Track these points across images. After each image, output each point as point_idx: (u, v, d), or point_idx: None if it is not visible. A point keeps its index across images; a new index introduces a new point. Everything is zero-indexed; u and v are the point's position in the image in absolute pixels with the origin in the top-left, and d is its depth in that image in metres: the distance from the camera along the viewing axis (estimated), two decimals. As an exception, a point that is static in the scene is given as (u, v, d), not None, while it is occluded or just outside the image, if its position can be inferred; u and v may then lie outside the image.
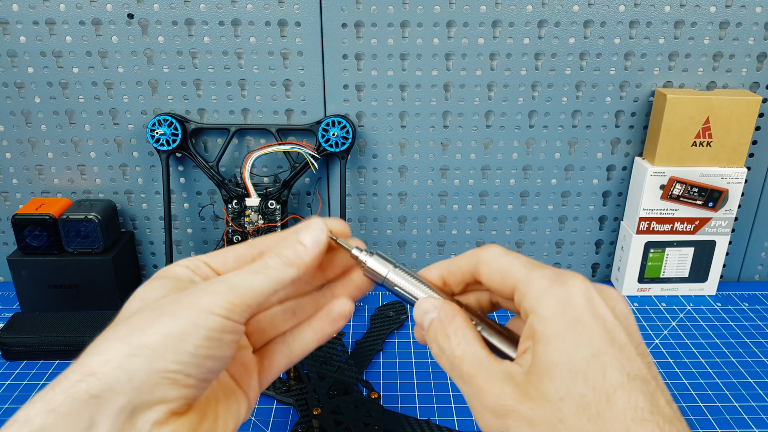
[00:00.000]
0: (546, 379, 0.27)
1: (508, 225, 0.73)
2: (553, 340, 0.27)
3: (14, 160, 0.69)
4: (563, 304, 0.28)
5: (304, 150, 0.65)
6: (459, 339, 0.30)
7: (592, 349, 0.27)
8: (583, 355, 0.26)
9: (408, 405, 0.54)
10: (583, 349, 0.27)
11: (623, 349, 0.27)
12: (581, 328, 0.27)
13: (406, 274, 0.34)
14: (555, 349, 0.27)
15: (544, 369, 0.27)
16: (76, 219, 0.64)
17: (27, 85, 0.66)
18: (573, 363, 0.26)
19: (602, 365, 0.26)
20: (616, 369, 0.26)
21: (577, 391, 0.26)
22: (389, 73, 0.66)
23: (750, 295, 0.72)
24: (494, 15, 0.63)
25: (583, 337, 0.27)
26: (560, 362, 0.27)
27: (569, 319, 0.27)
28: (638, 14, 0.63)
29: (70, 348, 0.59)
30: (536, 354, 0.27)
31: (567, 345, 0.27)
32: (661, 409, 0.26)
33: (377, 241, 0.73)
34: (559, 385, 0.26)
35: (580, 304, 0.28)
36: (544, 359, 0.27)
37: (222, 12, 0.63)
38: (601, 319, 0.28)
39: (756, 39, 0.64)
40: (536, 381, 0.27)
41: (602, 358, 0.26)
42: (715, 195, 0.66)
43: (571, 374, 0.26)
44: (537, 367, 0.27)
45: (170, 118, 0.65)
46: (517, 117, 0.68)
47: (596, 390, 0.26)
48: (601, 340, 0.27)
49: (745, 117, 0.63)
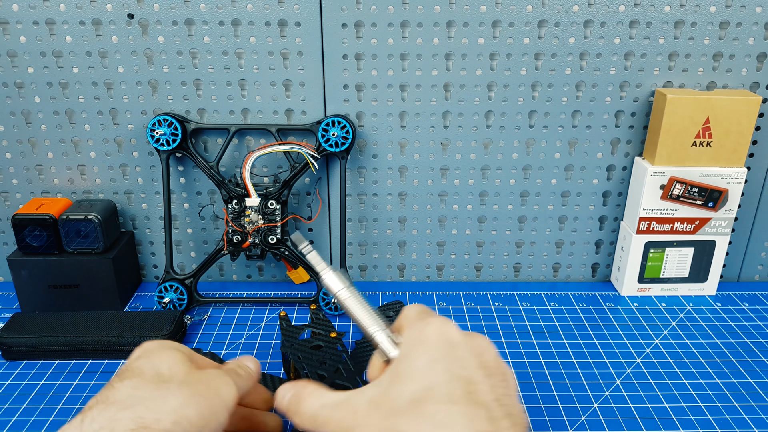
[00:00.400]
0: (392, 383, 0.34)
1: (508, 225, 0.73)
2: (406, 356, 0.35)
3: (14, 160, 0.69)
4: (418, 331, 0.36)
5: (304, 150, 0.65)
6: (310, 403, 0.38)
7: (431, 357, 0.34)
8: (422, 362, 0.34)
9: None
10: (423, 357, 0.34)
11: (456, 361, 0.34)
12: (427, 346, 0.35)
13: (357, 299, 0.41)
14: (405, 360, 0.35)
15: (393, 377, 0.35)
16: (76, 219, 0.64)
17: (27, 85, 0.66)
18: (414, 367, 0.34)
19: (434, 369, 0.34)
20: (443, 371, 0.33)
21: (412, 387, 0.33)
22: (389, 73, 0.66)
23: (750, 295, 0.72)
24: (494, 15, 0.63)
25: (425, 350, 0.35)
26: (405, 369, 0.34)
27: (420, 340, 0.35)
28: (638, 14, 0.63)
29: (70, 348, 0.59)
30: (391, 369, 0.36)
31: (413, 357, 0.35)
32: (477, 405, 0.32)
33: (377, 241, 0.73)
34: (400, 385, 0.34)
35: (431, 331, 0.36)
36: (396, 370, 0.35)
37: (222, 12, 0.63)
38: (445, 341, 0.35)
39: (756, 39, 0.64)
40: (387, 389, 0.34)
41: (436, 364, 0.34)
42: (715, 195, 0.66)
43: (410, 375, 0.34)
44: (389, 378, 0.35)
45: (170, 118, 0.65)
46: (517, 117, 0.68)
47: (426, 386, 0.33)
48: (438, 353, 0.34)
49: (745, 117, 0.63)
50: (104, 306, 0.67)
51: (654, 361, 0.60)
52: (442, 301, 0.71)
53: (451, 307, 0.69)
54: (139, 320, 0.61)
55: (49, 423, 0.52)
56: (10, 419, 0.52)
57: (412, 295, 0.72)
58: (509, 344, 0.62)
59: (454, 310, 0.69)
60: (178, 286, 0.67)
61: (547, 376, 0.57)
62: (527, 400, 0.54)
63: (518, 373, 0.58)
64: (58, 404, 0.54)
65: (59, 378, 0.57)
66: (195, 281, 0.69)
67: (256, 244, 0.67)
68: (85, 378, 0.57)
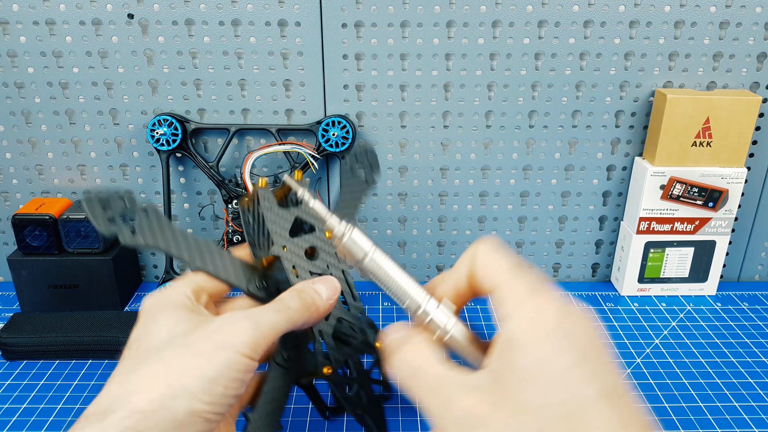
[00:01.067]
0: (522, 386, 0.26)
1: (508, 225, 0.73)
2: (529, 347, 0.26)
3: (14, 160, 0.69)
4: (539, 313, 0.27)
5: (304, 150, 0.65)
6: (415, 351, 0.30)
7: (568, 360, 0.26)
8: (560, 365, 0.26)
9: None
10: (559, 358, 0.26)
11: (596, 363, 0.26)
12: (556, 339, 0.26)
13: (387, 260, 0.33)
14: (531, 356, 0.26)
15: (519, 377, 0.26)
16: (76, 219, 0.64)
17: (27, 85, 0.66)
18: (551, 371, 0.26)
19: (578, 377, 0.26)
20: (590, 382, 0.26)
21: (557, 399, 0.25)
22: (389, 73, 0.66)
23: (750, 295, 0.72)
24: (494, 15, 0.63)
25: (558, 347, 0.26)
26: (537, 370, 0.26)
27: (545, 329, 0.27)
28: (638, 14, 0.63)
29: (70, 348, 0.59)
30: (509, 360, 0.27)
31: (543, 353, 0.26)
32: (634, 423, 0.25)
33: (377, 241, 0.73)
34: (538, 393, 0.25)
35: (556, 316, 0.27)
36: (519, 366, 0.26)
37: (222, 12, 0.63)
38: (576, 333, 0.27)
39: (756, 39, 0.64)
40: (510, 389, 0.26)
41: (578, 370, 0.26)
42: (715, 195, 0.66)
43: (549, 382, 0.25)
44: (511, 374, 0.26)
45: (170, 118, 0.65)
46: (517, 117, 0.68)
47: (574, 400, 0.25)
48: (574, 352, 0.26)
49: (745, 117, 0.63)
50: (104, 306, 0.67)
51: (654, 361, 0.60)
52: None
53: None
54: (139, 320, 0.61)
55: (49, 423, 0.52)
56: (10, 419, 0.52)
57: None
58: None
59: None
60: (178, 286, 0.67)
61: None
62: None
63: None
64: (58, 404, 0.54)
65: (59, 378, 0.57)
66: (195, 281, 0.68)
67: (256, 244, 0.66)
68: (85, 378, 0.57)
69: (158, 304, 0.35)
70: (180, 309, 0.35)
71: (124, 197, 0.37)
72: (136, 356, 0.33)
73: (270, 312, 0.34)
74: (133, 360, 0.33)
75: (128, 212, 0.37)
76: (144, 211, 0.37)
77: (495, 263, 0.30)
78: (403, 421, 0.52)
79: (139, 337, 0.34)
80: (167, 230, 0.38)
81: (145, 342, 0.33)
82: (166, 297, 0.36)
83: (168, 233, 0.37)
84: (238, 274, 0.39)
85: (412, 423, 0.52)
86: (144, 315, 0.35)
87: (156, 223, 0.37)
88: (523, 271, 0.29)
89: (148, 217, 0.37)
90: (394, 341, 0.31)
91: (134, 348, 0.34)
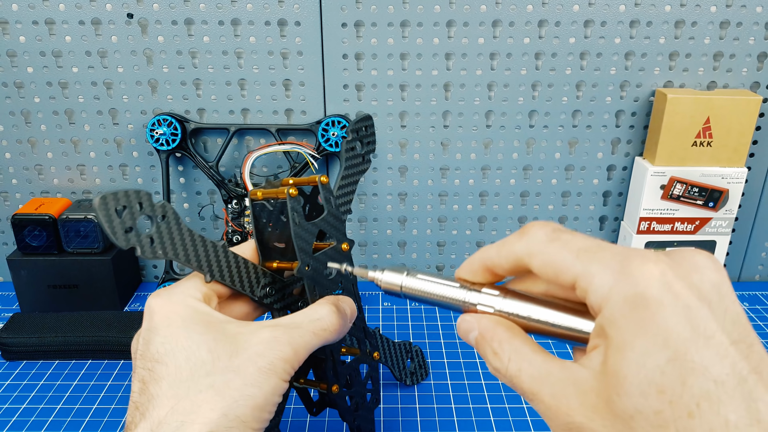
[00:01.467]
0: (614, 393, 0.23)
1: (509, 225, 0.73)
2: (622, 348, 0.23)
3: (14, 160, 0.69)
4: (632, 303, 0.23)
5: (304, 150, 0.65)
6: (508, 354, 0.27)
7: (668, 352, 0.22)
8: (657, 363, 0.22)
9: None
10: (656, 354, 0.22)
11: (710, 344, 0.22)
12: (655, 327, 0.23)
13: (424, 276, 0.33)
14: (624, 358, 0.23)
15: (613, 381, 0.23)
16: (76, 219, 0.64)
17: (26, 84, 0.66)
18: (644, 374, 0.22)
19: (681, 372, 0.22)
20: (700, 374, 0.22)
21: (651, 407, 0.22)
22: (389, 73, 0.65)
23: (750, 295, 0.72)
24: (494, 14, 0.63)
25: (657, 339, 0.22)
26: (629, 374, 0.23)
27: (640, 318, 0.23)
28: (639, 14, 0.63)
29: (70, 348, 0.59)
30: (607, 360, 0.24)
31: (637, 352, 0.23)
32: (762, 417, 0.21)
33: (377, 241, 0.73)
34: (628, 401, 0.23)
35: (653, 297, 0.23)
36: (613, 369, 0.23)
37: (221, 11, 0.63)
38: (682, 309, 0.23)
39: (756, 39, 0.64)
40: (605, 394, 0.23)
41: (681, 362, 0.22)
42: (716, 195, 0.66)
43: (641, 387, 0.22)
44: (607, 377, 0.24)
45: (170, 118, 0.65)
46: (517, 117, 0.68)
47: (674, 404, 0.22)
48: (680, 337, 0.22)
49: (745, 117, 0.63)
50: (104, 306, 0.67)
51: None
52: (442, 301, 0.71)
53: (451, 307, 0.69)
54: (138, 320, 0.60)
55: (49, 423, 0.52)
56: (10, 419, 0.52)
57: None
58: (509, 344, 0.62)
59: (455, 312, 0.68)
60: (177, 286, 0.67)
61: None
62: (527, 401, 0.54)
63: (518, 373, 0.58)
64: (57, 404, 0.54)
65: (59, 378, 0.57)
66: (195, 281, 0.68)
67: (256, 244, 0.66)
68: (84, 378, 0.57)
69: (178, 313, 0.34)
70: (206, 321, 0.34)
71: (141, 200, 0.32)
72: (176, 377, 0.31)
73: (308, 335, 0.35)
74: (175, 381, 0.31)
75: (145, 217, 0.32)
76: (162, 216, 0.33)
77: (557, 258, 0.26)
78: (404, 422, 0.52)
79: (170, 351, 0.32)
80: (186, 237, 0.35)
81: (184, 360, 0.32)
82: (185, 304, 0.34)
83: (187, 239, 0.35)
84: (251, 281, 0.38)
85: (412, 424, 0.52)
86: (162, 324, 0.33)
87: (175, 229, 0.34)
88: (593, 252, 0.25)
89: (166, 223, 0.33)
90: (476, 337, 0.29)
91: (171, 365, 0.32)
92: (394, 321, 0.67)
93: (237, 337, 0.33)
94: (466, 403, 0.54)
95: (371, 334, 0.46)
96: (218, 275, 0.36)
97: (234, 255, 0.37)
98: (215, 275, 0.36)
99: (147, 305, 0.35)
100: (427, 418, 0.52)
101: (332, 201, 0.41)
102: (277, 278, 0.40)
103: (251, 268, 0.38)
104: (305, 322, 0.35)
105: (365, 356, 0.45)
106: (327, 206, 0.41)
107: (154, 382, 0.31)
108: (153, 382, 0.31)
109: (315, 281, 0.39)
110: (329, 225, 0.41)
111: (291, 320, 0.35)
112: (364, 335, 0.45)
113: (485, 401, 0.54)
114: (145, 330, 0.34)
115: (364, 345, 0.45)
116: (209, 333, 0.33)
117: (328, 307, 0.37)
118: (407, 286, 0.33)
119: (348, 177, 0.44)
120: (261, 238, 0.40)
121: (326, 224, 0.41)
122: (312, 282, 0.39)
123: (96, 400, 0.54)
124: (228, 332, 0.33)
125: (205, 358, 0.32)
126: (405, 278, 0.33)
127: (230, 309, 0.38)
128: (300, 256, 0.38)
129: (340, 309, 0.37)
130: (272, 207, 0.40)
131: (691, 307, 0.23)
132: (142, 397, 0.31)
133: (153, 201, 0.32)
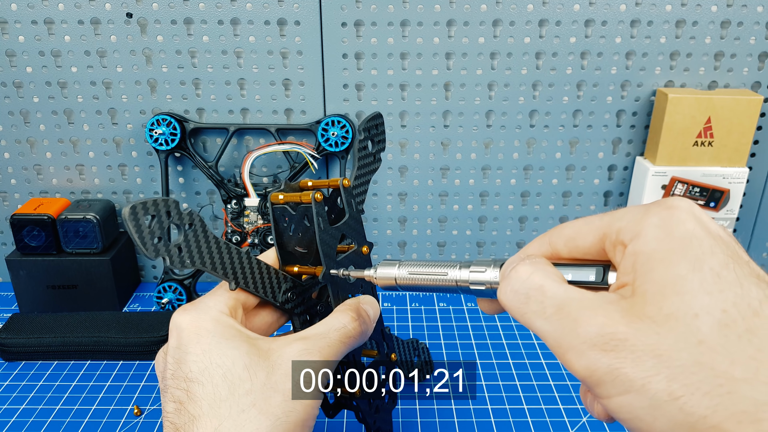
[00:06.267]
0: (669, 296, 0.22)
1: (509, 225, 0.73)
2: (669, 257, 0.23)
3: (12, 159, 0.69)
4: (669, 223, 0.24)
5: (304, 150, 0.65)
6: (537, 269, 0.27)
7: (719, 260, 0.23)
8: (711, 266, 0.22)
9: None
10: (709, 259, 0.22)
11: (750, 263, 0.23)
12: (697, 241, 0.23)
13: (415, 263, 0.34)
14: (673, 263, 0.23)
15: (661, 287, 0.22)
16: (75, 219, 0.64)
17: (25, 84, 0.65)
18: (702, 275, 0.22)
19: (737, 276, 0.22)
20: (753, 282, 0.22)
21: (716, 305, 0.22)
22: (389, 73, 0.65)
23: (751, 296, 0.72)
24: (495, 14, 0.63)
25: (703, 249, 0.23)
26: (684, 275, 0.22)
27: (681, 234, 0.23)
28: (639, 13, 0.63)
29: (69, 348, 0.59)
30: (648, 276, 0.23)
31: (688, 258, 0.23)
32: None
33: (377, 241, 0.73)
34: (689, 300, 0.22)
35: (689, 220, 0.24)
36: (661, 277, 0.23)
37: (221, 11, 0.63)
38: (716, 234, 0.24)
39: (757, 38, 0.64)
40: (654, 300, 0.22)
41: (733, 269, 0.22)
42: (717, 195, 0.66)
43: (702, 286, 0.22)
44: (652, 287, 0.23)
45: (169, 118, 0.64)
46: (517, 116, 0.67)
47: (738, 304, 0.22)
48: (725, 253, 0.23)
49: (746, 116, 0.63)
50: (103, 306, 0.67)
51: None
52: (443, 301, 0.70)
53: (451, 307, 0.69)
54: (137, 321, 0.61)
55: (48, 423, 0.51)
56: (10, 419, 0.52)
57: (412, 294, 0.72)
58: (509, 345, 0.62)
59: (454, 311, 0.68)
60: (177, 286, 0.67)
61: (548, 377, 0.57)
62: (528, 401, 0.54)
63: (519, 374, 0.58)
64: (56, 405, 0.54)
65: (58, 379, 0.57)
66: (194, 282, 0.68)
67: (255, 244, 0.66)
68: (83, 379, 0.57)
69: (207, 329, 0.33)
70: (237, 336, 0.33)
71: (169, 208, 0.31)
72: (215, 396, 0.31)
73: (336, 344, 0.35)
74: (215, 400, 0.31)
75: (173, 226, 0.31)
76: (190, 224, 0.32)
77: (581, 225, 0.28)
78: (402, 422, 0.52)
79: (205, 370, 0.32)
80: (212, 244, 0.34)
81: (221, 378, 0.31)
82: (214, 319, 0.34)
83: (213, 247, 0.34)
84: (273, 287, 0.38)
85: (413, 424, 0.52)
86: (192, 341, 0.33)
87: (202, 237, 0.33)
88: (608, 213, 0.27)
89: (194, 231, 0.32)
90: (509, 264, 0.29)
91: (207, 384, 0.31)
92: (395, 321, 0.67)
93: (270, 353, 0.33)
94: (466, 404, 0.54)
95: (389, 335, 0.47)
96: (242, 282, 0.36)
97: (257, 261, 0.37)
98: (240, 282, 0.36)
99: (173, 322, 0.34)
100: (426, 420, 0.52)
101: (353, 204, 0.41)
102: (297, 282, 0.39)
103: (273, 274, 0.38)
104: (331, 331, 0.36)
105: (383, 358, 0.45)
106: (349, 209, 0.40)
107: (192, 402, 0.31)
108: (191, 403, 0.31)
109: (339, 286, 0.39)
110: (351, 228, 0.41)
111: (317, 331, 0.36)
112: (382, 337, 0.45)
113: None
114: (173, 348, 0.33)
115: (383, 347, 0.45)
116: (242, 348, 0.33)
117: (350, 313, 0.37)
118: (401, 276, 0.35)
119: (360, 177, 0.44)
120: (280, 242, 0.40)
121: (348, 228, 0.40)
122: (336, 287, 0.39)
123: (95, 401, 0.54)
124: (261, 348, 0.33)
125: (243, 376, 0.32)
126: (398, 270, 0.35)
127: (253, 320, 0.38)
128: (325, 262, 0.38)
129: (361, 313, 0.38)
130: (294, 211, 0.39)
131: (719, 231, 0.25)
132: (180, 417, 0.31)
133: (180, 209, 0.32)
